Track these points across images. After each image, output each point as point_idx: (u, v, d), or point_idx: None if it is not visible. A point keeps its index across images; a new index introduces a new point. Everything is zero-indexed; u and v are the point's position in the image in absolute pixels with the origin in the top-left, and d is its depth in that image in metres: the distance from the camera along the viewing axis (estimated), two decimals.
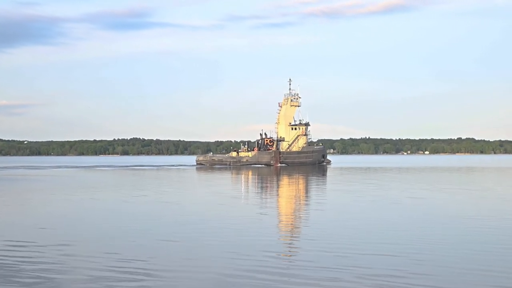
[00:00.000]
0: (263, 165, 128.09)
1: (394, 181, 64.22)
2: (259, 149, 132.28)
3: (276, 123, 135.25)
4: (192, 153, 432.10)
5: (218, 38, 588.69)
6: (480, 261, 16.97)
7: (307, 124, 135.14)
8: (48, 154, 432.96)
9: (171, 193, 45.94)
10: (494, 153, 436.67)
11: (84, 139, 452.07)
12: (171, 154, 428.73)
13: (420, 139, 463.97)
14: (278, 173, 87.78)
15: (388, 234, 22.40)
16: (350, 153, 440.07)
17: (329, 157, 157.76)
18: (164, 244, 20.20)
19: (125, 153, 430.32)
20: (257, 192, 48.27)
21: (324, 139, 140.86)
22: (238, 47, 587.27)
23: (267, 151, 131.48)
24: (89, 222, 26.97)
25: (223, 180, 68.53)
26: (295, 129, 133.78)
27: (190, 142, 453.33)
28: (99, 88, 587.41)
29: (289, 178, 71.81)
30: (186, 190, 50.11)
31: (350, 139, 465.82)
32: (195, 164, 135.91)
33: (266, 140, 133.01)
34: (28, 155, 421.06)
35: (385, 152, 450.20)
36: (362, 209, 32.04)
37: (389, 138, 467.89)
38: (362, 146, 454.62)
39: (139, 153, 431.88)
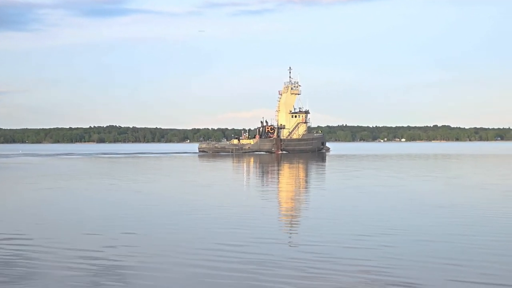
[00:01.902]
0: (264, 153, 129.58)
1: (393, 168, 63.86)
2: (260, 137, 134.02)
3: (277, 110, 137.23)
4: (169, 140, 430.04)
5: (196, 25, 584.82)
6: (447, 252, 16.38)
7: (307, 112, 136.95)
8: (23, 141, 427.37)
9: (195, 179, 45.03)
10: (470, 140, 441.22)
11: (59, 127, 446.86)
12: (147, 141, 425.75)
13: (396, 127, 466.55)
14: (280, 160, 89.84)
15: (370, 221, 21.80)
16: (328, 141, 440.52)
17: None
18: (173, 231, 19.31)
19: (101, 140, 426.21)
20: (270, 176, 47.79)
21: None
22: (216, 34, 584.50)
23: (268, 139, 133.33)
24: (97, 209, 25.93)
25: (231, 168, 67.67)
26: (295, 116, 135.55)
27: (167, 129, 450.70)
28: (74, 75, 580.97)
29: (291, 165, 74.36)
30: (199, 177, 49.22)
31: (327, 126, 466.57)
32: (197, 151, 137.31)
33: (267, 128, 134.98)
34: (2, 142, 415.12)
35: (362, 139, 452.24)
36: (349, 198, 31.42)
37: (366, 125, 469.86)
38: (339, 133, 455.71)
39: (115, 140, 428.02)
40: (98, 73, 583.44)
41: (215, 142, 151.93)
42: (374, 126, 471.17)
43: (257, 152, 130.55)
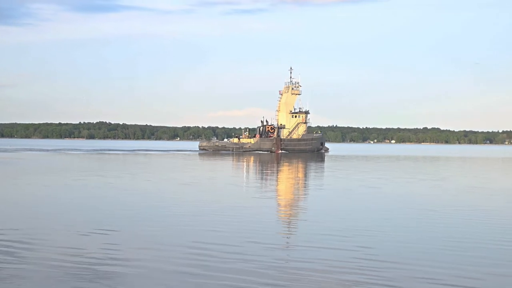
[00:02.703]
0: (264, 152, 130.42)
1: (392, 170, 63.89)
2: (260, 136, 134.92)
3: (277, 110, 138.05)
4: (159, 138, 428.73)
5: (189, 23, 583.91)
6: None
7: (307, 112, 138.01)
8: (11, 136, 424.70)
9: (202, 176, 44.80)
10: (459, 143, 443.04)
11: (48, 122, 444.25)
12: (137, 139, 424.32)
13: (386, 128, 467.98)
14: (280, 160, 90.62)
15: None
16: None
17: None
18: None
19: (90, 137, 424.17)
20: (266, 176, 47.58)
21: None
22: (209, 32, 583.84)
23: (268, 138, 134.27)
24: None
25: (234, 166, 67.48)
26: (296, 116, 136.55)
27: (156, 127, 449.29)
28: (65, 70, 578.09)
29: (290, 164, 74.86)
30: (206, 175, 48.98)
31: (317, 126, 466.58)
32: (198, 149, 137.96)
33: (268, 127, 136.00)
34: None
35: (352, 140, 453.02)
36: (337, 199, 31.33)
37: (356, 126, 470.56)
38: (329, 134, 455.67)
39: (105, 137, 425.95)
40: (89, 69, 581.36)
41: (216, 141, 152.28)
42: (364, 127, 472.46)
43: (257, 151, 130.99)
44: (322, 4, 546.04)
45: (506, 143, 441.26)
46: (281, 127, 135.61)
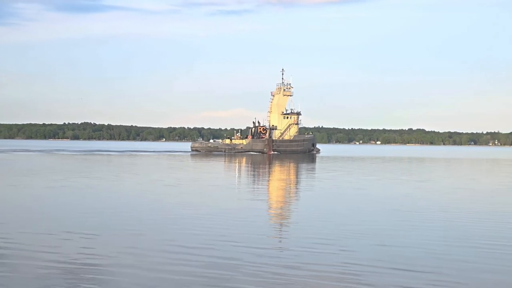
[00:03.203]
0: (256, 153, 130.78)
1: (383, 170, 63.92)
2: (252, 137, 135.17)
3: (269, 111, 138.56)
4: (144, 139, 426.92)
5: (174, 23, 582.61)
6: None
7: (298, 113, 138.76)
8: None
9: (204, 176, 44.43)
10: (444, 144, 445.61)
11: (33, 123, 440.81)
12: (123, 139, 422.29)
13: (372, 129, 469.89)
14: (271, 161, 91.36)
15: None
16: None
17: None
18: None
19: (75, 137, 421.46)
20: (257, 177, 47.35)
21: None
22: (195, 33, 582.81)
23: (260, 139, 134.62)
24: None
25: (224, 167, 67.14)
26: (287, 118, 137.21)
27: (142, 127, 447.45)
28: (49, 70, 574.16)
29: (281, 165, 75.64)
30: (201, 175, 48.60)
31: (303, 127, 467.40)
32: (190, 150, 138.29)
33: (260, 128, 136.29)
34: None
35: (338, 141, 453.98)
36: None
37: (341, 127, 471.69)
38: (315, 135, 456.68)
39: (90, 138, 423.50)
40: (74, 69, 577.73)
41: (208, 142, 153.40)
42: (350, 128, 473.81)
43: (249, 152, 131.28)
44: (307, 5, 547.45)
45: (490, 144, 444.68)
46: (273, 128, 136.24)
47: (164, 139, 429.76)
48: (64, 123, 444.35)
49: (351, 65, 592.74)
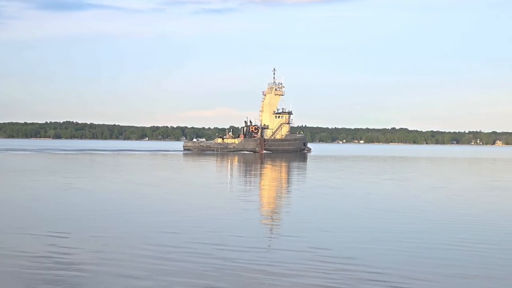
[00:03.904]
0: (249, 152, 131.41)
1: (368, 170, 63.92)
2: (244, 136, 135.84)
3: (260, 111, 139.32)
4: (127, 138, 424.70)
5: (159, 22, 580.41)
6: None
7: (290, 113, 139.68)
8: None
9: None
10: (426, 143, 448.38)
11: (14, 121, 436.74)
12: (105, 138, 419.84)
13: (355, 128, 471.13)
14: (263, 160, 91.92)
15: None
16: None
17: None
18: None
19: (57, 136, 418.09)
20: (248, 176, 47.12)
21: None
22: (180, 32, 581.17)
23: (252, 138, 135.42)
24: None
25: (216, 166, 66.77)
26: (279, 117, 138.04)
27: (125, 126, 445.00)
28: (31, 69, 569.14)
29: (273, 164, 76.23)
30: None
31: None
32: (182, 149, 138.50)
33: (252, 128, 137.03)
34: None
35: (321, 140, 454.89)
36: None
37: (325, 126, 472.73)
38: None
39: (72, 137, 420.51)
40: (56, 68, 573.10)
41: (200, 141, 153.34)
42: (333, 127, 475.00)
43: (241, 151, 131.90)
44: (291, 5, 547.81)
45: (472, 143, 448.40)
46: (265, 127, 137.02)
47: (147, 138, 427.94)
48: (46, 122, 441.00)
49: (335, 64, 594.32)
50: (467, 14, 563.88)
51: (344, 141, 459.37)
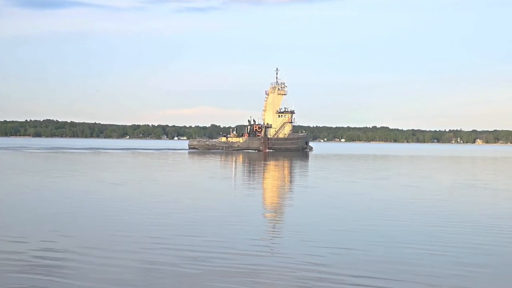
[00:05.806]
0: (253, 150, 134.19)
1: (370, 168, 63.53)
2: (249, 135, 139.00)
3: (263, 110, 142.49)
4: (108, 136, 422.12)
5: (139, 20, 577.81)
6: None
7: (292, 112, 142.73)
8: None
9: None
10: (407, 141, 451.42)
11: None
12: (86, 137, 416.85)
13: (336, 127, 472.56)
14: (267, 158, 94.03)
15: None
16: None
17: None
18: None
19: (37, 135, 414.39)
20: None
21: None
22: (160, 30, 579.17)
23: (256, 137, 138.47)
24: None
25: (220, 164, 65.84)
26: (281, 116, 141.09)
27: (106, 125, 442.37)
28: (11, 67, 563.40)
29: (276, 162, 76.95)
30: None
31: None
32: (188, 148, 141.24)
33: (255, 127, 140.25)
34: None
35: None
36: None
37: (306, 125, 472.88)
38: None
39: (52, 135, 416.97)
40: (35, 66, 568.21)
41: (206, 140, 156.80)
42: (314, 126, 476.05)
43: (245, 150, 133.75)
44: (274, 4, 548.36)
45: (453, 142, 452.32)
46: (268, 126, 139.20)
47: (128, 137, 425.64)
48: (26, 120, 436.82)
49: (315, 63, 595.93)
50: (456, 13, 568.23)
51: (325, 139, 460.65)
